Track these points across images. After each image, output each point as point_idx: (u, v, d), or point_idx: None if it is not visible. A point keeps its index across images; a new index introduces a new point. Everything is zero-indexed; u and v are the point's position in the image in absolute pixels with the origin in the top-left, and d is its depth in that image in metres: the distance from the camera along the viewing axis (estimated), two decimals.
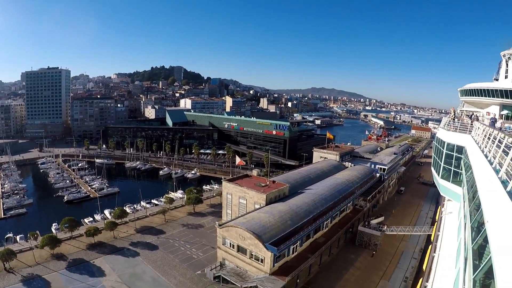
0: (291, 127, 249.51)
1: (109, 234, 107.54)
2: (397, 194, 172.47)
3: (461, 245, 25.53)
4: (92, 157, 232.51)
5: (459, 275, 21.32)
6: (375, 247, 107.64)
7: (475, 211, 22.70)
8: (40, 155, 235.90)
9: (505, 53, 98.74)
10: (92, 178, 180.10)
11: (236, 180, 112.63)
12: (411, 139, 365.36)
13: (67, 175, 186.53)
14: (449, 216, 54.57)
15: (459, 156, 51.18)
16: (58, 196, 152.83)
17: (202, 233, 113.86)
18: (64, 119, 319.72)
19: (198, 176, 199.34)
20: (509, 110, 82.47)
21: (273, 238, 78.89)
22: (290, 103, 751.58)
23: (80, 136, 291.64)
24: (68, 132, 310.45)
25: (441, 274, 35.54)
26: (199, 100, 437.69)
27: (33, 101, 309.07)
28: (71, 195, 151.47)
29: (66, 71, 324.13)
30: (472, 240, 19.51)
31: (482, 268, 14.78)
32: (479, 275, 14.88)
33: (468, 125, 53.89)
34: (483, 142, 34.95)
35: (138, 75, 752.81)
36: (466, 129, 52.95)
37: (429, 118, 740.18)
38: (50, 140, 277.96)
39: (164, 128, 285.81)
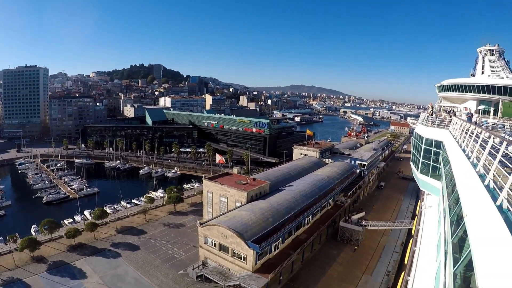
0: (271, 124, 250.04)
1: (90, 235, 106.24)
2: (378, 189, 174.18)
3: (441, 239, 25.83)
4: (71, 157, 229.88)
5: (440, 268, 21.57)
6: (357, 242, 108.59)
7: (454, 205, 22.97)
8: (18, 156, 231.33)
9: (481, 49, 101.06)
10: (71, 178, 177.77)
11: (216, 178, 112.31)
12: (390, 134, 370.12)
13: (46, 176, 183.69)
14: (429, 210, 55.16)
15: (438, 151, 51.78)
16: (37, 197, 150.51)
17: (184, 232, 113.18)
18: (42, 118, 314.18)
19: (178, 175, 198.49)
20: (486, 105, 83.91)
21: (255, 236, 78.89)
22: (270, 101, 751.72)
23: (59, 135, 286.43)
24: (46, 131, 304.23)
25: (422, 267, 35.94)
26: (179, 99, 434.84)
27: (10, 100, 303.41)
28: (50, 196, 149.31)
29: (44, 69, 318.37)
30: (452, 233, 19.75)
31: (462, 261, 14.98)
32: (460, 268, 15.09)
33: (446, 120, 54.58)
34: (460, 137, 35.38)
35: (117, 73, 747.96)
36: (444, 124, 53.64)
37: (407, 114, 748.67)
38: (28, 140, 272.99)
39: (143, 127, 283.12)
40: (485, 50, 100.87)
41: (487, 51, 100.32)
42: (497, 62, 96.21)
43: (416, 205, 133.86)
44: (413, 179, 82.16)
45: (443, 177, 40.50)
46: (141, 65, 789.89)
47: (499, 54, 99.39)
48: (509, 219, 11.72)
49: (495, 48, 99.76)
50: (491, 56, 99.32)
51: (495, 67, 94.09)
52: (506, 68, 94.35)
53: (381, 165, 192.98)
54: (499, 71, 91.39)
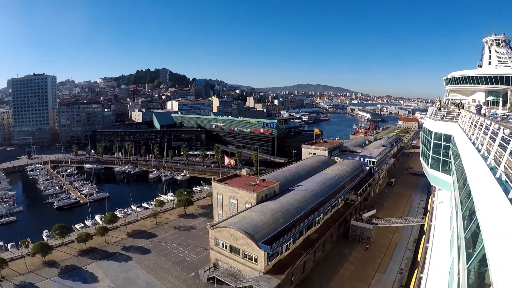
0: (278, 124, 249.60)
1: (101, 239, 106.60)
2: (388, 186, 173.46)
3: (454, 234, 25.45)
4: (81, 162, 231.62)
5: (454, 265, 21.22)
6: (369, 241, 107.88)
7: (466, 200, 22.59)
8: (28, 162, 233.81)
9: (487, 39, 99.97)
10: (81, 183, 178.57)
11: (226, 180, 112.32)
12: (398, 130, 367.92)
13: (56, 182, 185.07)
14: (441, 206, 54.62)
15: (447, 145, 51.27)
16: (48, 203, 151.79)
17: (194, 234, 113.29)
18: (51, 125, 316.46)
19: (187, 177, 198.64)
20: (495, 96, 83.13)
21: (266, 237, 78.74)
22: (277, 101, 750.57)
23: (68, 142, 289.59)
24: (56, 138, 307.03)
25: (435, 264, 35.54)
26: (186, 102, 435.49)
27: (20, 108, 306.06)
28: (61, 202, 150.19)
29: (52, 77, 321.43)
30: (464, 229, 19.37)
31: (475, 257, 14.61)
32: (473, 264, 14.72)
33: (455, 114, 53.99)
34: (470, 130, 34.94)
35: (124, 78, 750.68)
36: (452, 117, 53.07)
37: (415, 108, 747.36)
38: (38, 147, 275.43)
39: (151, 131, 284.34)
40: (491, 40, 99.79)
41: (493, 41, 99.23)
42: (504, 51, 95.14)
43: (427, 201, 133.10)
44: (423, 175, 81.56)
45: (453, 172, 40.05)
46: (147, 70, 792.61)
47: (505, 44, 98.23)
48: None
49: (501, 37, 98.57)
50: (498, 45, 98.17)
51: (502, 56, 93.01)
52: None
53: (391, 162, 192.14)
54: (506, 61, 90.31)
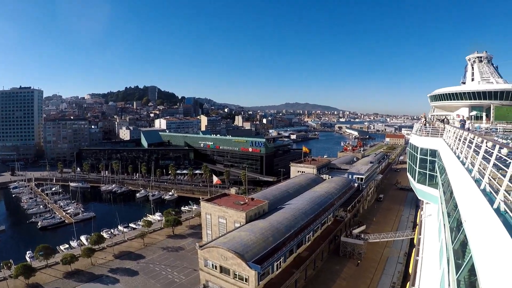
0: (267, 143, 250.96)
1: (87, 261, 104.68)
2: (377, 201, 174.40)
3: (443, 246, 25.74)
4: (66, 180, 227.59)
5: (444, 276, 21.43)
6: (360, 256, 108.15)
7: (453, 212, 22.89)
8: (12, 179, 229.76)
9: (470, 57, 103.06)
10: (66, 202, 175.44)
11: (214, 199, 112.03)
12: (386, 147, 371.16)
13: (40, 200, 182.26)
14: (429, 219, 55.03)
15: (433, 160, 51.87)
16: (32, 222, 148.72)
17: (183, 255, 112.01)
18: (36, 141, 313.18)
19: (175, 197, 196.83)
20: (478, 110, 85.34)
21: (256, 256, 78.28)
22: (265, 120, 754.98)
23: (54, 158, 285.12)
24: (41, 154, 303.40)
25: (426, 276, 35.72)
26: (174, 120, 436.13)
27: (4, 122, 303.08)
28: (45, 221, 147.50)
29: (39, 91, 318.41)
30: (452, 240, 19.63)
31: (464, 267, 14.80)
32: (463, 274, 14.90)
33: (440, 129, 54.78)
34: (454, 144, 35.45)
35: (112, 95, 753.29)
36: (437, 133, 53.86)
37: (402, 125, 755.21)
38: (22, 163, 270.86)
39: (139, 149, 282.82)
40: (474, 58, 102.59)
41: (476, 58, 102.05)
42: (486, 68, 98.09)
43: (416, 215, 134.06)
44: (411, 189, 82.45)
45: (440, 185, 40.53)
46: (136, 87, 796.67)
47: (487, 61, 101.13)
48: (507, 221, 11.54)
49: (483, 55, 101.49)
50: (480, 63, 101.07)
51: (484, 73, 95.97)
52: (495, 73, 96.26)
53: (379, 178, 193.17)
54: (489, 77, 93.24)
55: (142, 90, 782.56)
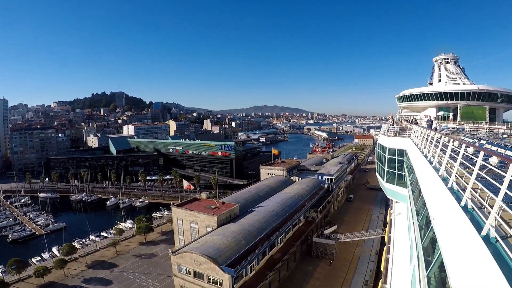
0: (236, 147, 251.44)
1: (60, 272, 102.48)
2: (347, 202, 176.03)
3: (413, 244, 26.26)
4: (35, 191, 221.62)
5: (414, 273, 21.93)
6: (332, 256, 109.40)
7: (421, 210, 23.38)
8: None
9: (437, 58, 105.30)
10: (36, 214, 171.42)
11: (185, 204, 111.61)
12: (355, 147, 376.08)
13: (9, 213, 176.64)
14: (399, 217, 55.89)
15: (401, 159, 52.68)
16: (2, 236, 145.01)
17: (156, 262, 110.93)
18: (3, 152, 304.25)
19: (146, 204, 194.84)
20: (445, 111, 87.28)
21: (229, 260, 78.32)
22: (234, 123, 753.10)
23: (21, 169, 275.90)
24: (8, 166, 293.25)
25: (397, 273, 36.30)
26: (142, 126, 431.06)
27: None
28: (16, 234, 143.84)
29: (4, 100, 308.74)
30: (422, 238, 20.13)
31: (434, 264, 15.25)
32: (432, 271, 15.36)
33: (407, 129, 55.73)
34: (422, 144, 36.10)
35: (78, 102, 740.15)
36: (405, 133, 54.70)
37: (370, 126, 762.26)
38: None
39: (108, 157, 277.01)
40: (441, 59, 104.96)
41: (443, 59, 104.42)
42: (453, 69, 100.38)
43: (386, 214, 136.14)
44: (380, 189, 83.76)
45: (408, 184, 41.24)
46: (103, 93, 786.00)
47: (454, 62, 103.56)
48: (474, 218, 11.97)
49: (450, 56, 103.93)
50: (447, 64, 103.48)
51: (451, 74, 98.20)
52: (462, 74, 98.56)
53: (349, 178, 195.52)
54: (455, 78, 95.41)
55: (109, 96, 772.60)
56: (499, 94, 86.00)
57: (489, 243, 9.85)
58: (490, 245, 9.71)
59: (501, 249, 9.26)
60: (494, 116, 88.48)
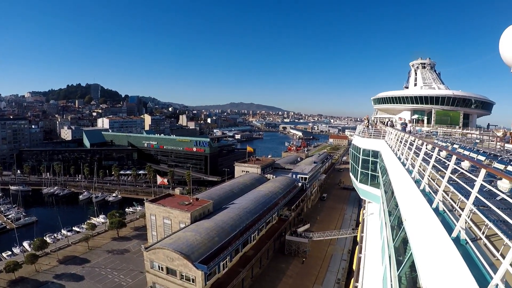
0: (211, 143, 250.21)
1: (31, 267, 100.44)
2: (320, 200, 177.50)
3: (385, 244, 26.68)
4: (6, 184, 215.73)
5: (386, 272, 22.28)
6: (305, 254, 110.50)
7: (394, 211, 23.83)
8: None
9: (414, 63, 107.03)
10: (7, 207, 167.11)
11: (159, 200, 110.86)
12: (329, 147, 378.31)
13: None
14: (371, 217, 56.57)
15: (375, 161, 53.33)
16: None
17: (129, 258, 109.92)
18: None
19: (120, 198, 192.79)
20: (420, 114, 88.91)
21: (202, 256, 78.40)
22: (210, 119, 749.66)
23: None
24: None
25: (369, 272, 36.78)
26: (117, 119, 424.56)
27: None
28: None
29: None
30: (393, 238, 20.54)
31: (405, 264, 15.63)
32: (403, 271, 15.74)
33: (382, 131, 56.41)
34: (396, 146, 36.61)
35: (53, 93, 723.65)
36: (380, 134, 55.36)
37: (345, 126, 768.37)
38: None
39: (81, 150, 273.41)
40: (417, 64, 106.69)
41: (419, 64, 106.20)
42: (429, 74, 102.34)
43: (358, 213, 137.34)
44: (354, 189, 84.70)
45: (381, 185, 41.81)
46: (78, 85, 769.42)
47: (430, 67, 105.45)
48: (445, 220, 12.31)
49: (427, 61, 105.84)
50: (423, 69, 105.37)
51: (427, 78, 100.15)
52: (438, 79, 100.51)
53: (323, 177, 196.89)
54: (431, 83, 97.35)
55: (84, 88, 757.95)
56: (473, 100, 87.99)
57: (459, 245, 10.18)
58: (460, 247, 10.04)
59: (471, 251, 9.60)
60: (468, 121, 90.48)
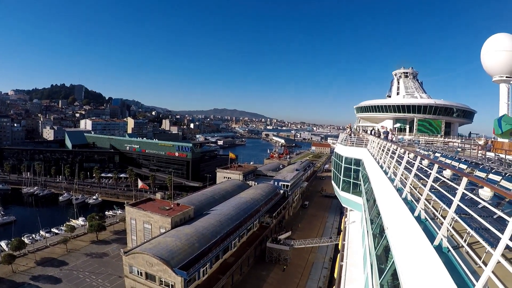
0: (193, 148, 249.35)
1: (7, 268, 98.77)
2: (302, 208, 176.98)
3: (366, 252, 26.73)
4: None
5: (368, 280, 22.30)
6: (286, 262, 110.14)
7: (376, 219, 23.87)
8: None
9: (396, 72, 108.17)
10: None
11: (139, 204, 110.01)
12: (311, 155, 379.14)
13: None
14: (353, 225, 56.72)
15: (357, 169, 53.60)
16: None
17: (108, 262, 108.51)
18: None
19: (100, 201, 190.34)
20: (402, 123, 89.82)
21: (182, 262, 77.72)
22: (193, 124, 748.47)
23: None
24: None
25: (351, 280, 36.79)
26: (100, 121, 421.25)
27: None
28: None
29: None
30: (375, 246, 20.58)
31: (387, 272, 15.65)
32: (385, 279, 15.75)
33: (364, 139, 56.73)
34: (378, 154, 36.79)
35: (37, 92, 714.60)
36: (362, 143, 55.66)
37: (328, 134, 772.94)
38: None
39: (63, 151, 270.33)
40: (400, 73, 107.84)
41: (402, 73, 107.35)
42: (411, 83, 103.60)
43: (340, 221, 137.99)
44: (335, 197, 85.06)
45: (363, 193, 41.97)
46: (62, 85, 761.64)
47: (413, 76, 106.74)
48: (427, 228, 12.35)
49: (409, 70, 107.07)
50: (406, 78, 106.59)
51: (410, 88, 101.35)
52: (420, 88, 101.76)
53: (304, 185, 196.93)
54: (413, 92, 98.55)
55: (68, 88, 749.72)
56: (455, 109, 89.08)
57: (441, 253, 10.20)
58: (442, 255, 10.06)
59: (453, 259, 9.62)
60: (449, 129, 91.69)
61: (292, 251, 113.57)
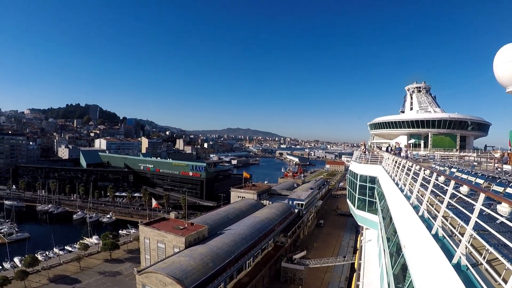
0: (207, 168, 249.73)
1: (20, 284, 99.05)
2: (317, 227, 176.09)
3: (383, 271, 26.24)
4: (1, 198, 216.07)
5: None
6: (301, 281, 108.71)
7: (392, 237, 23.47)
8: None
9: (409, 87, 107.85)
10: (0, 221, 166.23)
11: (153, 223, 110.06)
12: (326, 173, 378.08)
13: None
14: (369, 244, 55.94)
15: (373, 186, 53.04)
16: None
17: (121, 280, 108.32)
18: None
19: (114, 220, 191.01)
20: (416, 138, 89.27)
21: (195, 282, 77.15)
22: (206, 144, 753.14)
23: None
24: None
25: None
26: (115, 141, 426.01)
27: None
28: None
29: None
30: (392, 265, 20.15)
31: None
32: None
33: (379, 156, 56.24)
34: (393, 171, 36.38)
35: (52, 111, 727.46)
36: (377, 160, 55.16)
37: (342, 152, 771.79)
38: None
39: (77, 169, 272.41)
40: (413, 88, 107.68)
41: (415, 88, 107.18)
42: (424, 98, 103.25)
43: (356, 240, 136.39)
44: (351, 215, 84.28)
45: (379, 211, 41.40)
46: (77, 105, 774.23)
47: (425, 91, 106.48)
48: (445, 246, 12.04)
49: (422, 85, 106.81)
50: (419, 92, 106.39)
51: (423, 102, 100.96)
52: (433, 102, 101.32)
53: (319, 204, 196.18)
54: (427, 106, 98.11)
55: (83, 108, 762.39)
56: (469, 122, 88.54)
57: (460, 271, 9.89)
58: (461, 273, 9.75)
59: (472, 277, 9.32)
60: (465, 143, 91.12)
61: (308, 271, 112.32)
